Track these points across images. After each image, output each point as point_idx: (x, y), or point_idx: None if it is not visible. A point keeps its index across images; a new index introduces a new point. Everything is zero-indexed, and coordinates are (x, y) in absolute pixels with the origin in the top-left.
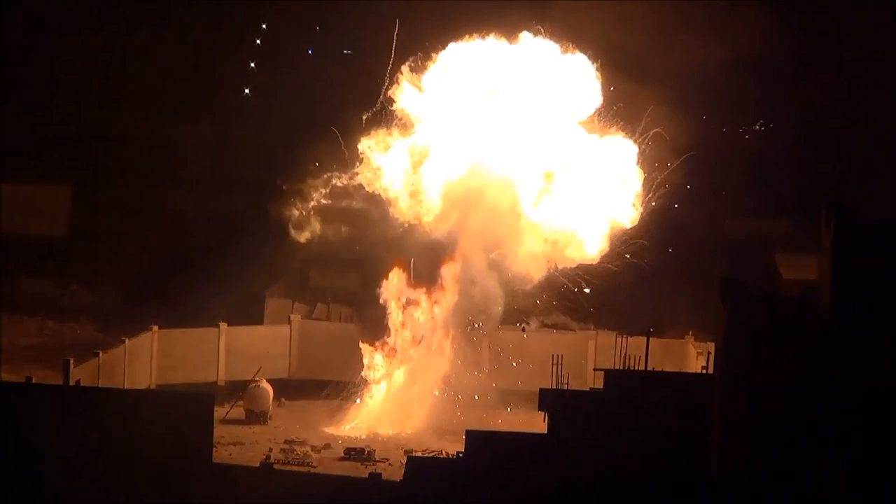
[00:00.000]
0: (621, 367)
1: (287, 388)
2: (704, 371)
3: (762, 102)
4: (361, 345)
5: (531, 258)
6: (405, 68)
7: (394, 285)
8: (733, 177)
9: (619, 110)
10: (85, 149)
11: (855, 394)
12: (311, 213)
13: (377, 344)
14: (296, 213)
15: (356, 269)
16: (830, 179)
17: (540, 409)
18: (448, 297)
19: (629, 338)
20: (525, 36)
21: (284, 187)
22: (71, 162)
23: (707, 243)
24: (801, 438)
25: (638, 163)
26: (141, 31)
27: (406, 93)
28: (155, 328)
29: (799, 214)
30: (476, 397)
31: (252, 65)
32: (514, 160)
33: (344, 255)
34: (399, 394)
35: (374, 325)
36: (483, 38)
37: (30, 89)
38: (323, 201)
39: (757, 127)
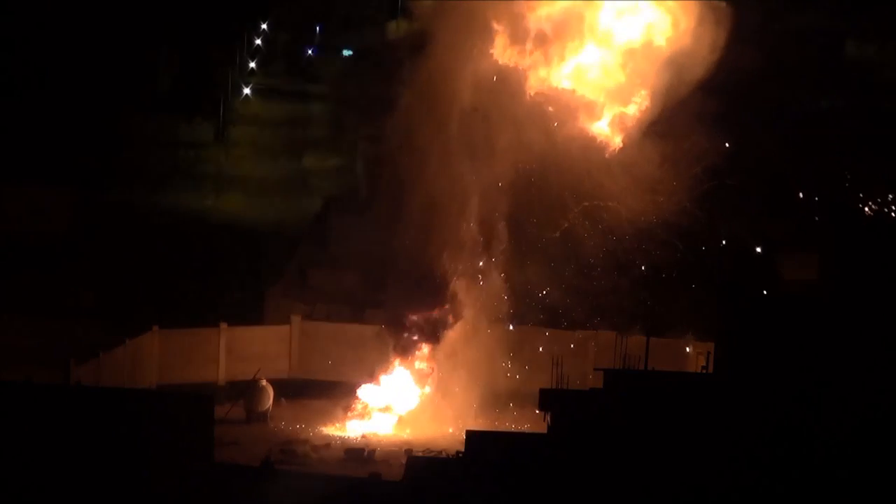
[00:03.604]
0: (621, 367)
1: (287, 388)
2: (704, 371)
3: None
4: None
5: None
6: None
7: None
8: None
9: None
10: (86, 149)
11: (855, 393)
12: None
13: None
14: None
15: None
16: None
17: (540, 409)
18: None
19: (629, 338)
20: None
21: None
22: (72, 162)
23: (707, 243)
24: (801, 438)
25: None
26: (144, 31)
27: None
28: (155, 328)
29: (800, 215)
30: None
31: (252, 65)
32: None
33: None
34: (431, 398)
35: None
36: None
37: (31, 90)
38: None
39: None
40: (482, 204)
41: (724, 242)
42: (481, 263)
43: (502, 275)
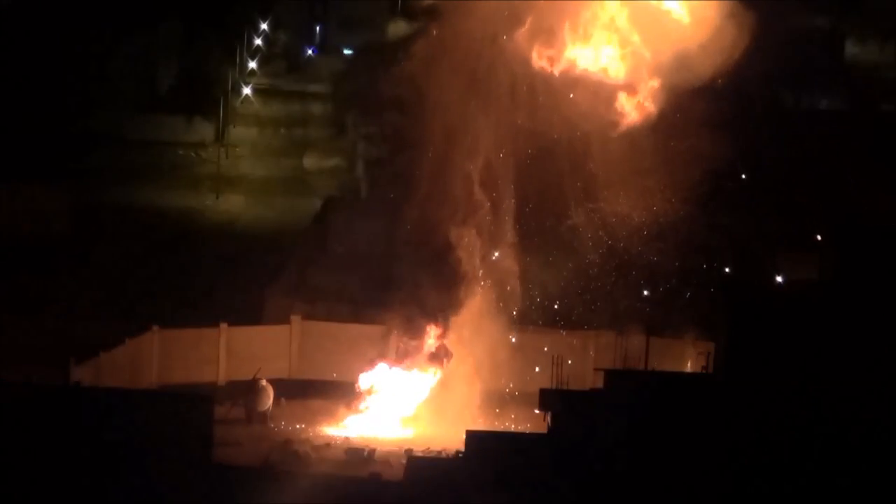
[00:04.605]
0: (621, 367)
1: (287, 388)
2: (704, 371)
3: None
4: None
5: None
6: None
7: None
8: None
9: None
10: (85, 149)
11: (856, 393)
12: None
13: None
14: None
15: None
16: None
17: (540, 409)
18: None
19: (629, 338)
20: None
21: None
22: (71, 162)
23: (708, 243)
24: (802, 437)
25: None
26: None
27: None
28: (155, 328)
29: (800, 215)
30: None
31: (252, 65)
32: None
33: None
34: (439, 395)
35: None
36: None
37: (32, 90)
38: None
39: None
40: (489, 173)
41: (725, 243)
42: (496, 254)
43: (513, 269)
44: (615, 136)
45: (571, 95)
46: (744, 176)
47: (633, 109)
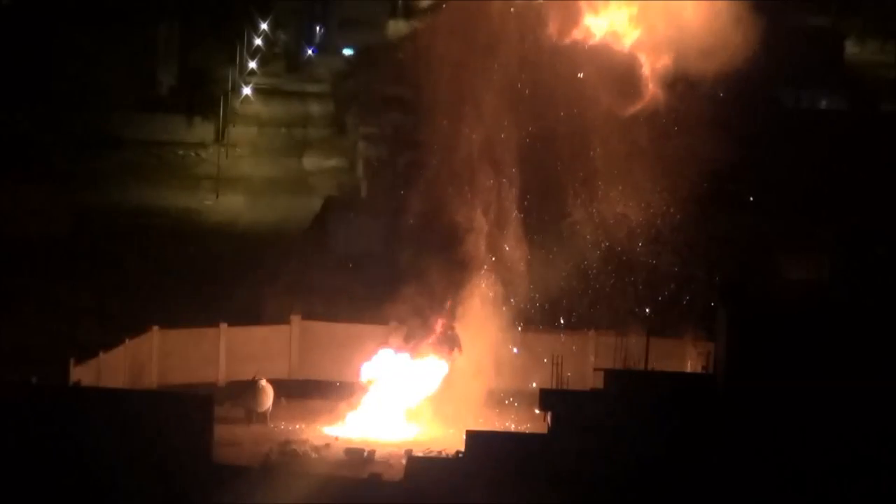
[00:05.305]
0: (621, 367)
1: (287, 388)
2: (704, 371)
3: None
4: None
5: None
6: None
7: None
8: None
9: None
10: (86, 149)
11: (856, 394)
12: None
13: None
14: None
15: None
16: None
17: (540, 409)
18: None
19: (629, 338)
20: None
21: None
22: (71, 163)
23: (707, 243)
24: (801, 438)
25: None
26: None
27: None
28: (155, 328)
29: (801, 216)
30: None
31: (252, 65)
32: None
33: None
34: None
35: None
36: None
37: (31, 91)
38: None
39: None
40: (494, 157)
41: (725, 244)
42: (507, 247)
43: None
44: (628, 112)
45: (581, 75)
46: (745, 177)
47: (650, 79)
